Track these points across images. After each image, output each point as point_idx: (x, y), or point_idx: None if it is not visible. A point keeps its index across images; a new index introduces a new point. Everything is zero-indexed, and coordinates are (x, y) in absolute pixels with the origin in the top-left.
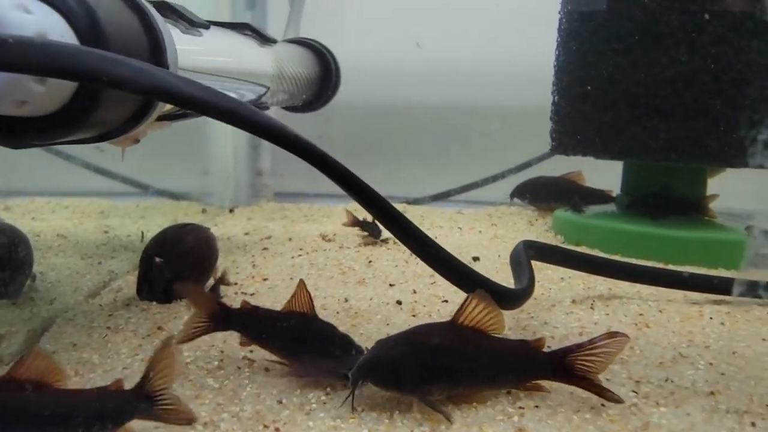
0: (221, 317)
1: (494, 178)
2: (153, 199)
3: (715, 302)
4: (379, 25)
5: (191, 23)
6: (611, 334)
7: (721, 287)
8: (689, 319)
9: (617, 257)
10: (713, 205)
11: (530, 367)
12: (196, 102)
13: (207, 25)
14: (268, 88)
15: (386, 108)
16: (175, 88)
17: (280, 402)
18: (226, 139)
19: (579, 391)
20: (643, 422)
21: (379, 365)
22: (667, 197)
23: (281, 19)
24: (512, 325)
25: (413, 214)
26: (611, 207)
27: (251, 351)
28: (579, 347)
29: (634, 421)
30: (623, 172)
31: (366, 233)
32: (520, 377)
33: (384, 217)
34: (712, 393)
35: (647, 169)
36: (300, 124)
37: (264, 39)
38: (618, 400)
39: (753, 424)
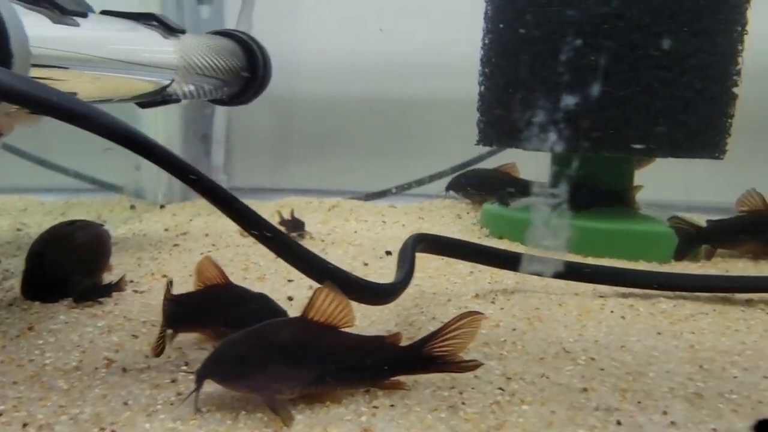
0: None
1: (431, 178)
2: (83, 196)
3: (623, 295)
4: (338, 19)
5: (63, 11)
6: (464, 315)
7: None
8: (588, 312)
9: (540, 251)
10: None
11: (387, 363)
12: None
13: (85, 13)
14: (172, 80)
15: (346, 102)
16: None
17: (125, 403)
18: (156, 133)
19: (441, 389)
20: (500, 421)
21: (223, 363)
22: (590, 189)
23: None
24: (400, 321)
25: (343, 208)
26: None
27: (116, 351)
28: (434, 335)
29: (491, 420)
30: (551, 163)
31: (287, 230)
32: (376, 374)
33: (230, 211)
34: (585, 389)
35: (572, 161)
36: (261, 119)
37: (170, 30)
38: (475, 366)
39: (618, 423)
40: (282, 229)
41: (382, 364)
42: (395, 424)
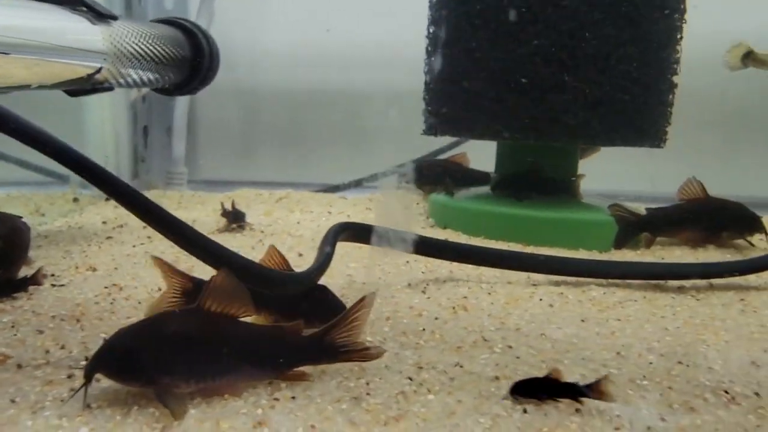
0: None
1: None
2: (32, 189)
3: (555, 284)
4: (304, 10)
5: None
6: (362, 299)
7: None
8: (516, 301)
9: (482, 240)
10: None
11: (288, 353)
12: None
13: None
14: (100, 68)
15: (313, 93)
16: None
17: (12, 401)
18: (104, 125)
19: (348, 379)
20: (402, 411)
21: (113, 356)
22: (533, 177)
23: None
24: None
25: (291, 200)
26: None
27: (15, 346)
28: (337, 323)
29: (393, 410)
30: (496, 152)
31: (228, 222)
32: (277, 365)
33: (129, 205)
34: (497, 378)
35: (517, 149)
36: (227, 111)
37: (100, 16)
38: (378, 354)
39: (525, 411)
40: (224, 220)
41: (283, 355)
42: (292, 416)
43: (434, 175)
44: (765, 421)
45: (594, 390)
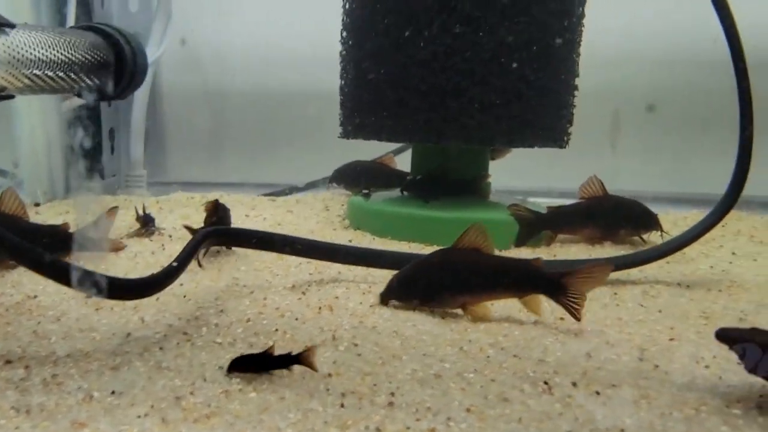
0: None
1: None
2: None
3: None
4: (264, 12)
5: None
6: None
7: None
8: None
9: (388, 241)
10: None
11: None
12: None
13: None
14: None
15: (279, 95)
16: None
17: None
18: (34, 129)
19: (173, 380)
20: (217, 409)
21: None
22: (440, 179)
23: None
24: (185, 314)
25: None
26: None
27: None
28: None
29: (209, 408)
30: (411, 154)
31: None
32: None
33: None
34: (329, 375)
35: (428, 151)
36: (195, 112)
37: None
38: None
39: (342, 405)
40: (137, 224)
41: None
42: (109, 417)
43: (360, 177)
44: (569, 409)
45: (302, 359)
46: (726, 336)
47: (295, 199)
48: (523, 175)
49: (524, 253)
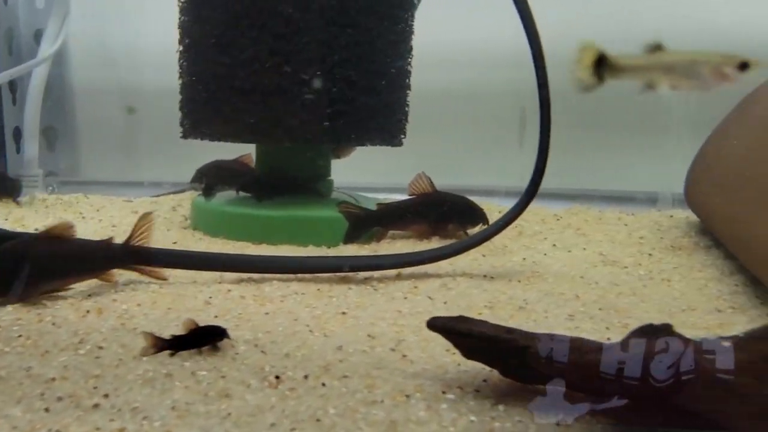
0: None
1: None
2: None
3: (241, 281)
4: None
5: None
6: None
7: None
8: (176, 300)
9: (221, 240)
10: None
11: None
12: None
13: None
14: None
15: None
16: None
17: None
18: None
19: None
20: None
21: None
22: (275, 178)
23: None
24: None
25: (83, 203)
26: None
27: None
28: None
29: None
30: (255, 152)
31: None
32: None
33: None
34: (53, 379)
35: (267, 150)
36: (109, 111)
37: None
38: None
39: (47, 410)
40: None
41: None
42: None
43: (218, 177)
44: (283, 402)
45: None
46: (434, 325)
47: (151, 200)
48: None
49: (352, 249)
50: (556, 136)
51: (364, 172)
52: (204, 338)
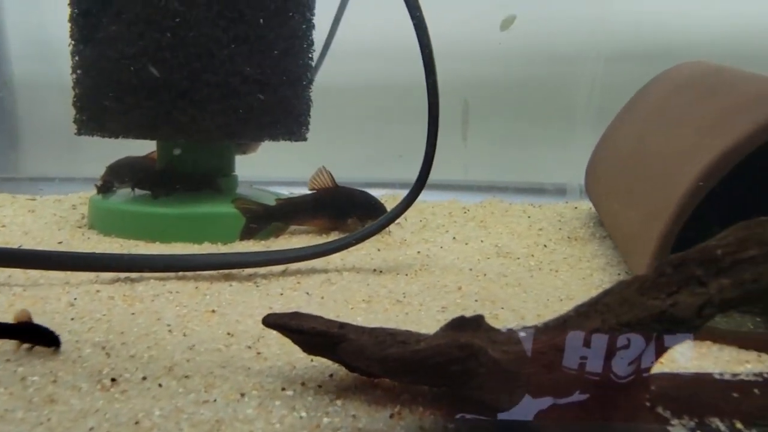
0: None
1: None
2: None
3: (115, 281)
4: None
5: None
6: None
7: None
8: (37, 302)
9: (113, 239)
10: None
11: None
12: None
13: None
14: None
15: None
16: None
17: None
18: None
19: None
20: None
21: None
22: (171, 174)
23: None
24: None
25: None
26: None
27: None
28: None
29: None
30: (156, 148)
31: None
32: None
33: None
34: None
35: (167, 145)
36: (50, 106)
37: None
38: None
39: None
40: None
41: None
42: None
43: (130, 173)
44: (109, 405)
45: None
46: (267, 322)
47: (54, 198)
48: (366, 168)
49: (249, 245)
50: (475, 130)
51: (297, 167)
52: (27, 335)
